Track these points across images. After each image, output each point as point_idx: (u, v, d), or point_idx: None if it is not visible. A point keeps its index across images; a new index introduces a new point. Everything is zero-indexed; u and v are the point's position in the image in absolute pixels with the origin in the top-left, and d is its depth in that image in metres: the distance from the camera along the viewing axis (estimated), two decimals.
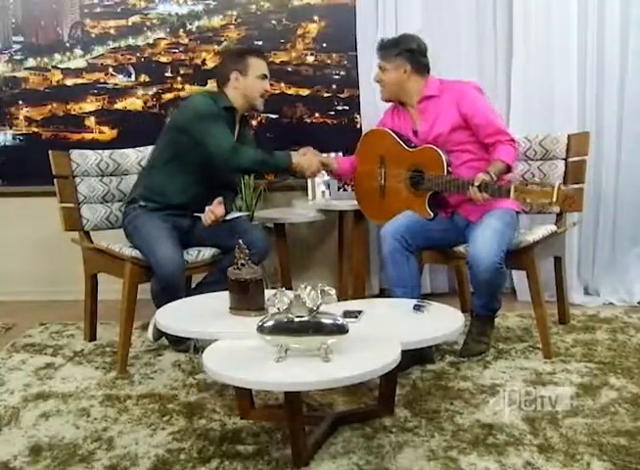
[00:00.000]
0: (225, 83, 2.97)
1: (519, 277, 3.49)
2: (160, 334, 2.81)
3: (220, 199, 2.88)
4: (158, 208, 2.91)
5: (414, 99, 2.89)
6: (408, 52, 2.86)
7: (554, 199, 2.36)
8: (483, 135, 2.78)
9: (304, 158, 2.96)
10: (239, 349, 2.01)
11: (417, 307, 2.32)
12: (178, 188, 2.92)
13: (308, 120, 3.90)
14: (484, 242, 2.61)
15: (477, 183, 2.58)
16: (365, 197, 3.09)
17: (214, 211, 2.85)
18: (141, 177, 3.06)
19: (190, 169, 2.90)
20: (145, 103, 3.95)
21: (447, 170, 2.73)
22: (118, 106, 3.95)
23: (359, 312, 2.26)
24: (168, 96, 3.93)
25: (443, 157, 2.74)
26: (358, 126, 3.79)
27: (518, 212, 2.85)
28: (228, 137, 2.86)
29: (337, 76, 3.88)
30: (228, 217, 2.96)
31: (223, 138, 2.84)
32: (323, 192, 3.66)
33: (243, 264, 2.25)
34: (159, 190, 2.92)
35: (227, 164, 2.85)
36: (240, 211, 3.44)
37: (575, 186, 3.05)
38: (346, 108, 3.87)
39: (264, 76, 2.98)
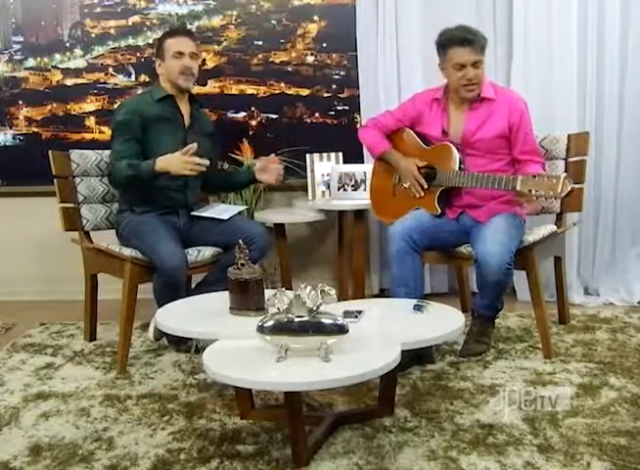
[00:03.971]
0: (157, 76, 3.03)
1: (519, 277, 3.48)
2: (160, 334, 2.82)
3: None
4: (147, 210, 2.94)
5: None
6: (485, 46, 2.78)
7: (559, 189, 2.38)
8: (519, 151, 2.79)
9: (168, 158, 2.79)
10: (239, 349, 2.01)
11: (417, 307, 2.32)
12: (153, 193, 2.92)
13: (308, 120, 3.90)
14: (495, 243, 2.60)
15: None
16: (377, 192, 3.10)
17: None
18: (120, 192, 3.08)
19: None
20: None
21: (460, 167, 2.74)
22: None
23: (359, 312, 2.26)
24: None
25: (456, 153, 2.75)
26: (358, 126, 3.79)
27: (524, 220, 2.85)
28: (117, 154, 2.87)
29: (337, 76, 3.87)
30: (227, 216, 2.97)
31: (114, 154, 2.89)
32: (323, 192, 3.66)
33: (243, 264, 2.25)
34: (138, 200, 2.95)
35: (114, 181, 2.93)
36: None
37: (575, 186, 3.05)
38: (346, 108, 3.87)
39: (180, 54, 2.94)
